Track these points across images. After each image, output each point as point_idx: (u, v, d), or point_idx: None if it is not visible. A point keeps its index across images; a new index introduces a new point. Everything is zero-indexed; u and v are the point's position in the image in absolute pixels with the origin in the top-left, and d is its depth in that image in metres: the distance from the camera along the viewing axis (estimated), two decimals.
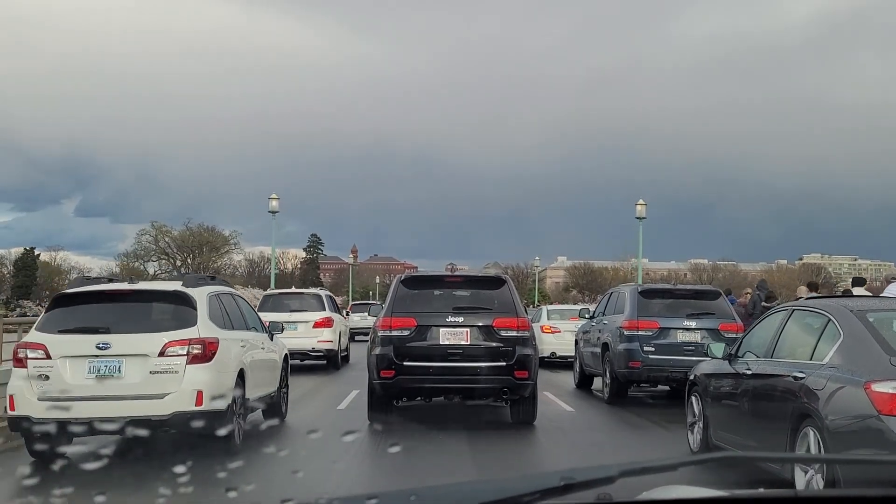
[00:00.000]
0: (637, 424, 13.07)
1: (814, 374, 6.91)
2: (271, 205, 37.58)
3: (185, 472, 1.80)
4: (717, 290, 16.60)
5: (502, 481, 1.69)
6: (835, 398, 6.56)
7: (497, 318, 11.62)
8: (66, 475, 1.86)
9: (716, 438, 9.06)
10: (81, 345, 9.03)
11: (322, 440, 4.24)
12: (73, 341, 9.09)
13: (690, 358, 13.93)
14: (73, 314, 9.55)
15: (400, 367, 11.40)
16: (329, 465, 6.51)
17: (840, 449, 6.35)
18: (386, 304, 12.32)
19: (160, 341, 9.07)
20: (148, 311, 9.77)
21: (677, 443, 10.53)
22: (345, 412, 13.35)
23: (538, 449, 11.03)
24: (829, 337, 7.17)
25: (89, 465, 1.67)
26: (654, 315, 15.01)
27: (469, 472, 8.01)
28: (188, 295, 9.58)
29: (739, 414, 8.42)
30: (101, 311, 9.61)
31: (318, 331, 20.42)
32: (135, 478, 6.12)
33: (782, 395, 7.40)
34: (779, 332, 8.14)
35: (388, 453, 7.90)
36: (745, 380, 8.33)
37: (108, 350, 8.94)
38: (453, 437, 10.84)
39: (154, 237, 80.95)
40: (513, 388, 11.50)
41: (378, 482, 7.13)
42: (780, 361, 7.81)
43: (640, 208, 38.06)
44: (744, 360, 8.61)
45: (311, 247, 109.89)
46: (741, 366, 8.56)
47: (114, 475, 6.52)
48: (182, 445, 8.97)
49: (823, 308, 7.62)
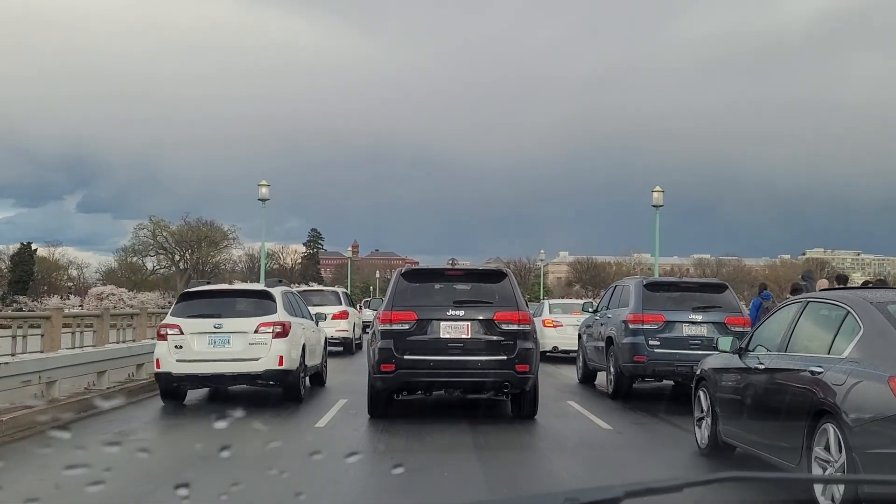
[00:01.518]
0: (643, 421, 12.72)
1: (833, 369, 6.56)
2: (261, 192, 34.93)
3: (187, 494, 1.83)
4: (723, 283, 16.19)
5: (506, 502, 1.81)
6: (856, 393, 6.21)
7: (498, 312, 11.50)
8: (67, 499, 1.93)
9: (725, 435, 8.71)
10: (204, 325, 13.25)
11: (324, 461, 4.84)
12: (198, 323, 13.29)
13: (696, 352, 13.74)
14: (196, 305, 13.72)
15: (400, 360, 11.27)
16: (331, 487, 6.65)
17: (862, 446, 5.98)
18: (386, 297, 12.19)
19: (255, 323, 13.32)
20: (245, 303, 13.94)
21: (685, 440, 10.29)
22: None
23: (544, 451, 10.68)
24: (848, 330, 6.81)
25: (92, 488, 1.67)
26: (660, 308, 14.70)
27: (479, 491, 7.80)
28: (270, 293, 14.01)
29: (751, 410, 8.04)
30: (215, 303, 13.82)
31: (336, 322, 24.09)
32: (136, 500, 6.38)
33: (798, 390, 7.02)
34: (793, 326, 7.76)
35: (393, 474, 8.05)
36: (757, 374, 7.96)
37: (221, 329, 13.25)
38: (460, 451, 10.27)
39: (152, 232, 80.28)
40: (514, 381, 11.38)
41: (381, 502, 7.18)
42: (794, 355, 7.45)
43: (656, 195, 35.63)
44: (755, 355, 8.26)
45: (310, 241, 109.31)
46: (752, 360, 8.20)
47: (117, 497, 6.18)
48: (269, 396, 13.90)
49: (841, 300, 7.24)
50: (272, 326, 13.27)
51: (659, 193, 35.66)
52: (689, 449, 9.72)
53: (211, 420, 2.00)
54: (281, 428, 11.33)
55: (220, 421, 1.95)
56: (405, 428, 11.23)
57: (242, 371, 13.10)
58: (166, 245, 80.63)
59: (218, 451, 2.11)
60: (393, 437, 10.67)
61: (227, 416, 1.98)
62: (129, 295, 57.12)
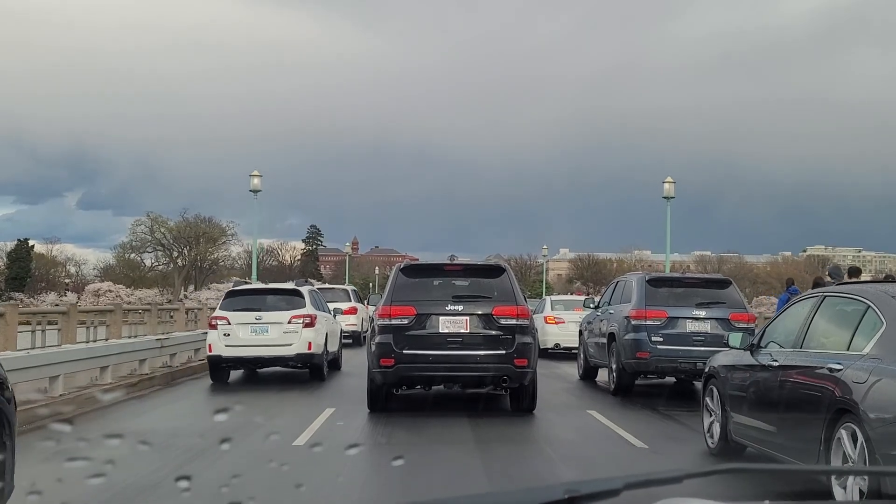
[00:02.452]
0: (647, 418, 12.36)
1: (853, 366, 6.19)
2: (253, 182, 33.20)
3: (187, 487, 1.86)
4: (727, 279, 15.93)
5: (505, 494, 1.70)
6: (877, 392, 5.85)
7: (496, 307, 11.51)
8: (72, 490, 1.96)
9: (736, 434, 8.35)
10: (247, 317, 16.22)
11: (324, 453, 4.70)
12: (242, 315, 16.25)
13: (700, 348, 13.86)
14: (240, 301, 16.76)
15: (399, 355, 11.32)
16: (332, 479, 6.73)
17: (884, 446, 5.61)
18: (385, 292, 12.24)
19: (288, 315, 16.28)
20: (280, 299, 17.00)
21: (691, 438, 10.02)
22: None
23: (547, 451, 10.30)
24: (868, 325, 6.44)
25: (93, 480, 1.67)
26: (663, 304, 14.50)
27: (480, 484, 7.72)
28: (300, 291, 17.21)
29: (764, 409, 7.66)
30: (256, 299, 16.98)
31: (346, 317, 25.81)
32: (137, 493, 6.45)
33: (815, 388, 6.65)
34: (808, 321, 7.37)
35: (392, 466, 8.11)
36: (771, 372, 7.57)
37: (261, 320, 16.22)
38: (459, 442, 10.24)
39: (150, 228, 79.58)
40: (512, 376, 11.40)
41: (381, 496, 7.14)
42: (811, 352, 7.07)
43: (667, 187, 33.71)
44: (767, 351, 7.88)
45: (310, 238, 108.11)
46: (765, 357, 7.82)
47: (118, 490, 6.44)
48: (296, 376, 16.68)
49: (861, 294, 6.85)
50: (302, 318, 16.26)
51: (670, 185, 33.85)
52: (698, 447, 9.37)
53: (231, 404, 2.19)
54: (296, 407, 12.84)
55: (220, 413, 1.95)
56: (405, 421, 11.33)
57: (278, 354, 16.14)
58: (164, 241, 79.92)
59: (219, 442, 2.16)
60: (393, 430, 10.72)
61: (227, 409, 1.99)
62: (127, 292, 56.67)
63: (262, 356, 16.20)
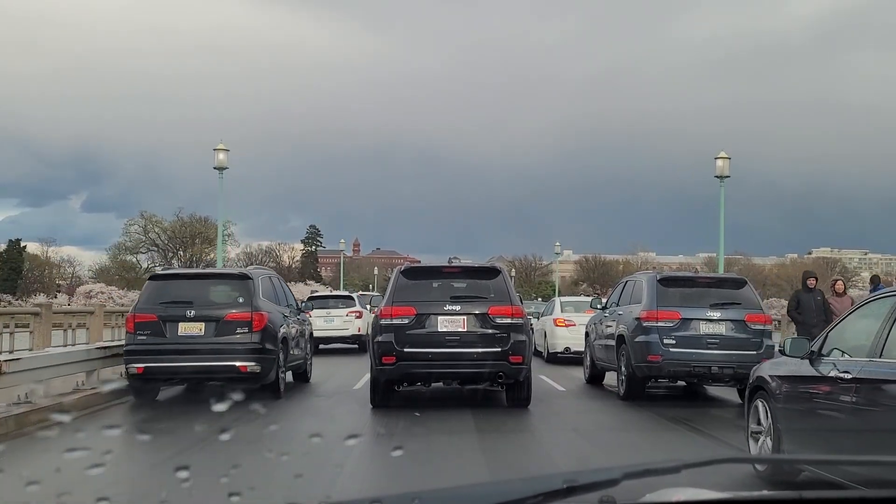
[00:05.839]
0: (660, 426, 11.40)
1: None
2: (217, 158, 28.03)
3: (187, 476, 1.84)
4: (742, 279, 15.13)
5: (504, 483, 1.74)
6: None
7: (492, 306, 12.10)
8: (68, 480, 1.92)
9: None
10: (321, 312, 24.72)
11: (324, 444, 4.52)
12: (319, 311, 24.27)
13: (714, 351, 13.29)
14: (317, 302, 25.07)
15: (400, 353, 11.91)
16: (332, 469, 6.86)
17: None
18: (387, 294, 12.80)
19: (346, 311, 25.86)
20: (341, 300, 26.88)
21: (711, 446, 9.30)
22: None
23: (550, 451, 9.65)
24: None
25: (93, 471, 1.65)
26: (675, 305, 13.68)
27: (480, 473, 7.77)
28: (352, 295, 28.37)
29: (831, 428, 6.47)
30: (326, 300, 26.65)
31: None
32: (140, 481, 6.55)
33: None
34: (888, 326, 6.17)
35: (392, 456, 8.16)
36: (841, 385, 6.37)
37: (330, 314, 25.52)
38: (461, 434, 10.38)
39: (143, 228, 78.48)
40: (508, 372, 12.00)
41: (381, 485, 7.10)
42: (895, 363, 5.93)
43: (720, 164, 28.02)
44: (831, 361, 6.69)
45: (309, 239, 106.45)
46: (829, 367, 6.63)
47: (117, 480, 6.01)
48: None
49: None
50: (354, 313, 25.56)
51: (724, 161, 28.09)
52: (743, 468, 8.25)
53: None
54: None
55: (219, 404, 1.85)
56: (405, 412, 11.85)
57: (341, 335, 25.08)
58: (158, 242, 78.81)
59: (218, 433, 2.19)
60: (393, 421, 11.20)
61: (226, 399, 1.87)
62: (120, 293, 55.62)
63: (331, 336, 24.06)
